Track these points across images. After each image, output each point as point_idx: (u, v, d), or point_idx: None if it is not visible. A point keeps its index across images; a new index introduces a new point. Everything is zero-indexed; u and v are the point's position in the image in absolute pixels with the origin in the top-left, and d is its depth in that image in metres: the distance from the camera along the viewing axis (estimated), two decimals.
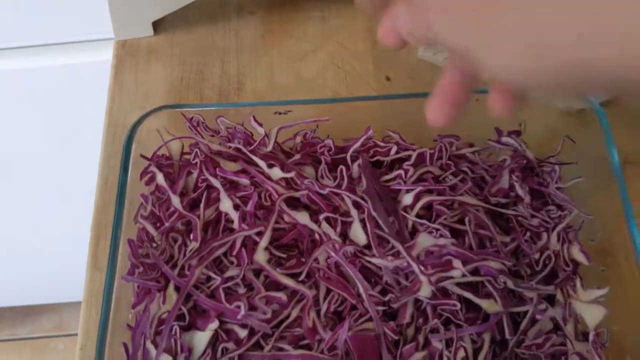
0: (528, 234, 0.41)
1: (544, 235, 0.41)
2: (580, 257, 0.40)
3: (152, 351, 0.36)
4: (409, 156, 0.43)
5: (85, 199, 0.53)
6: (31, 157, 0.78)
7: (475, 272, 0.39)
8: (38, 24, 0.61)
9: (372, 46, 0.55)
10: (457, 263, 0.38)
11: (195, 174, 0.42)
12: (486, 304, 0.38)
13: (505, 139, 0.44)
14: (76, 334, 0.43)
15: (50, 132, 0.73)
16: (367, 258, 0.38)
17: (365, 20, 0.57)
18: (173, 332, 0.36)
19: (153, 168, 0.42)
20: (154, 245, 0.40)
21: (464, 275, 0.38)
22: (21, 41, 0.62)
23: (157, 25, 0.56)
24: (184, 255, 0.39)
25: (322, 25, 0.57)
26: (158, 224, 0.41)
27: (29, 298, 1.24)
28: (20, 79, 0.64)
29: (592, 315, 0.38)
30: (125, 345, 0.37)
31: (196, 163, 0.42)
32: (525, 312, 0.38)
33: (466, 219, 0.40)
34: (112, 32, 0.56)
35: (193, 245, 0.39)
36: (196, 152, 0.42)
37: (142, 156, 0.42)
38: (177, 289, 0.37)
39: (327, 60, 0.55)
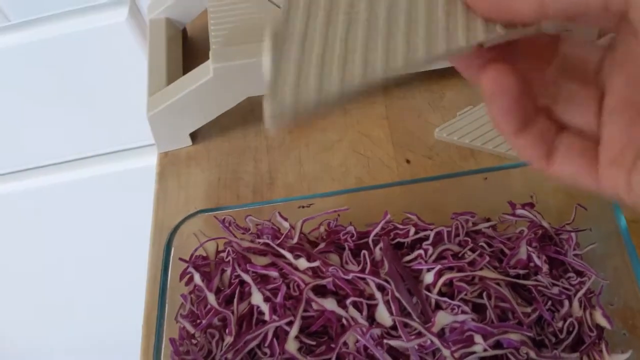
0: (550, 302, 0.42)
1: (566, 303, 0.42)
2: (603, 321, 0.40)
3: None
4: (428, 236, 0.45)
5: (138, 299, 0.57)
6: (86, 259, 0.85)
7: (498, 345, 0.40)
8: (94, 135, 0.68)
9: (391, 132, 0.59)
10: (478, 338, 0.39)
11: (228, 270, 0.45)
12: None
13: (519, 212, 0.46)
14: None
15: (103, 235, 0.80)
16: (390, 341, 0.40)
17: (382, 108, 0.61)
18: None
19: (191, 269, 0.46)
20: (194, 342, 0.43)
21: (485, 350, 0.39)
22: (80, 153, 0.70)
23: (195, 135, 0.62)
24: (221, 349, 0.42)
25: (344, 116, 0.62)
26: (198, 321, 0.44)
27: None
28: (79, 188, 0.71)
29: None
30: None
31: (229, 261, 0.45)
32: None
33: (484, 294, 0.41)
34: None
35: (228, 339, 0.42)
36: (228, 250, 0.46)
37: (181, 259, 0.46)
38: None
39: (351, 149, 0.59)
